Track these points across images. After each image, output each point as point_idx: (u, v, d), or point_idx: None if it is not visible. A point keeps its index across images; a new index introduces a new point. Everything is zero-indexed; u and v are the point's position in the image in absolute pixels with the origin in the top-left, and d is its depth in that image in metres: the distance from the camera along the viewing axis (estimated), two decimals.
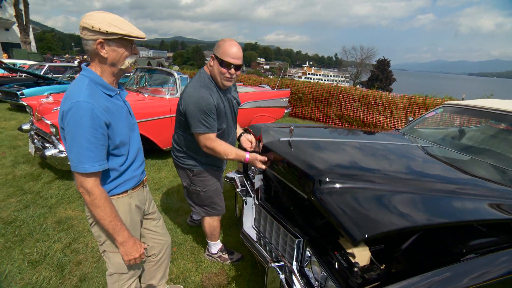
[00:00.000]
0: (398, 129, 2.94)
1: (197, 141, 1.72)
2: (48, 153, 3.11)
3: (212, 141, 1.68)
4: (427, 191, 1.41)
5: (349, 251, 1.29)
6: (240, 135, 2.04)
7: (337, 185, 1.32)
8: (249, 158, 1.75)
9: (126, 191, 1.28)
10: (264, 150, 1.83)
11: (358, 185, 1.35)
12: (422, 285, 1.04)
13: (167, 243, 1.65)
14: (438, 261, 1.15)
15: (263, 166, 1.75)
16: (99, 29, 1.03)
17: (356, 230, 1.05)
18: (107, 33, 1.05)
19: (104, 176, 1.19)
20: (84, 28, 1.05)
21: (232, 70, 1.63)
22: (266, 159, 1.75)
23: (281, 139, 1.87)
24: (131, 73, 5.14)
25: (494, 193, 1.53)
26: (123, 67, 1.16)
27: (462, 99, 4.90)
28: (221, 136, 1.79)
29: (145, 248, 1.32)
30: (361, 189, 1.33)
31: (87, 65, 1.16)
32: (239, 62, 1.62)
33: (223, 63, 1.61)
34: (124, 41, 1.11)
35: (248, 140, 2.00)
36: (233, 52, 1.59)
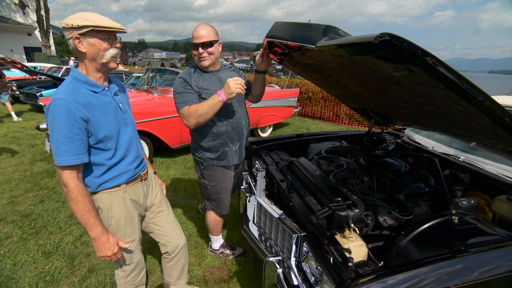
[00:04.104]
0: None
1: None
2: None
3: (189, 109, 1.66)
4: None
5: (345, 246, 1.29)
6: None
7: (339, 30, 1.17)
8: (221, 91, 1.59)
9: (119, 185, 1.30)
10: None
11: None
12: (432, 275, 1.03)
13: (180, 243, 1.64)
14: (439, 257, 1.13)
15: (239, 88, 1.56)
16: (72, 25, 1.07)
17: (370, 37, 0.84)
18: (78, 27, 1.07)
19: (91, 170, 1.23)
20: (63, 29, 1.10)
21: (200, 49, 1.66)
22: (238, 80, 1.58)
23: None
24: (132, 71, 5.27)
25: None
26: (103, 60, 1.17)
27: None
28: (225, 114, 1.77)
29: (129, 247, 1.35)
30: None
31: (76, 67, 1.22)
32: (202, 40, 1.64)
33: (192, 46, 1.69)
34: (97, 33, 1.11)
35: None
36: (196, 33, 1.65)
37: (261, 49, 1.72)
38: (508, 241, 1.22)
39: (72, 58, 18.69)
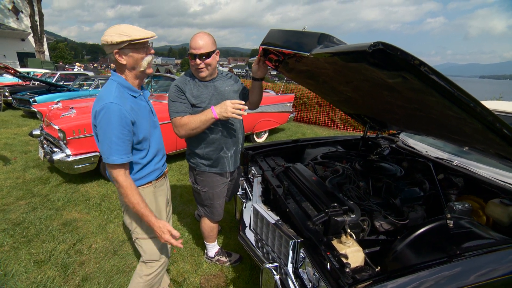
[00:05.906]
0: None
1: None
2: (56, 157, 3.21)
3: (181, 120, 1.71)
4: None
5: (342, 252, 1.29)
6: None
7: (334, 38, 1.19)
8: (214, 109, 1.62)
9: (150, 182, 1.41)
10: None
11: None
12: (431, 279, 1.04)
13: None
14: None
15: (236, 114, 1.57)
16: (111, 42, 1.19)
17: (364, 46, 0.85)
18: (117, 44, 1.19)
19: (129, 169, 1.32)
20: (103, 45, 1.21)
21: (197, 60, 1.64)
22: (237, 105, 1.58)
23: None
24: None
25: None
26: (142, 68, 1.30)
27: None
28: (220, 121, 1.73)
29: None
30: None
31: (115, 71, 1.30)
32: (200, 51, 1.61)
33: (189, 56, 1.69)
34: (133, 45, 1.22)
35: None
36: (193, 44, 1.63)
37: (257, 56, 1.73)
38: (502, 245, 1.23)
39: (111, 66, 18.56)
